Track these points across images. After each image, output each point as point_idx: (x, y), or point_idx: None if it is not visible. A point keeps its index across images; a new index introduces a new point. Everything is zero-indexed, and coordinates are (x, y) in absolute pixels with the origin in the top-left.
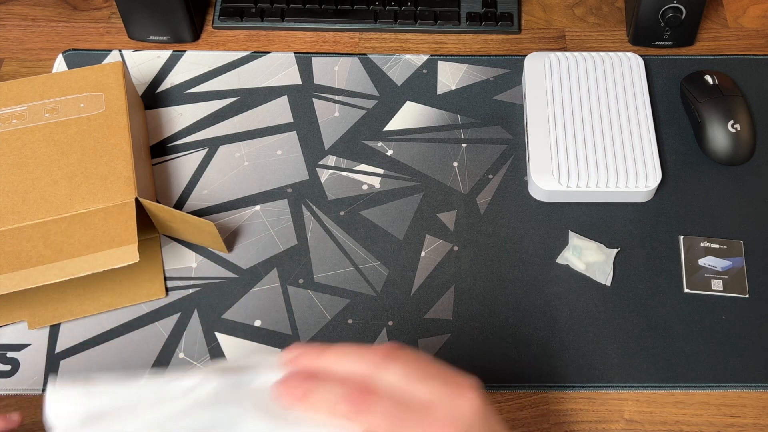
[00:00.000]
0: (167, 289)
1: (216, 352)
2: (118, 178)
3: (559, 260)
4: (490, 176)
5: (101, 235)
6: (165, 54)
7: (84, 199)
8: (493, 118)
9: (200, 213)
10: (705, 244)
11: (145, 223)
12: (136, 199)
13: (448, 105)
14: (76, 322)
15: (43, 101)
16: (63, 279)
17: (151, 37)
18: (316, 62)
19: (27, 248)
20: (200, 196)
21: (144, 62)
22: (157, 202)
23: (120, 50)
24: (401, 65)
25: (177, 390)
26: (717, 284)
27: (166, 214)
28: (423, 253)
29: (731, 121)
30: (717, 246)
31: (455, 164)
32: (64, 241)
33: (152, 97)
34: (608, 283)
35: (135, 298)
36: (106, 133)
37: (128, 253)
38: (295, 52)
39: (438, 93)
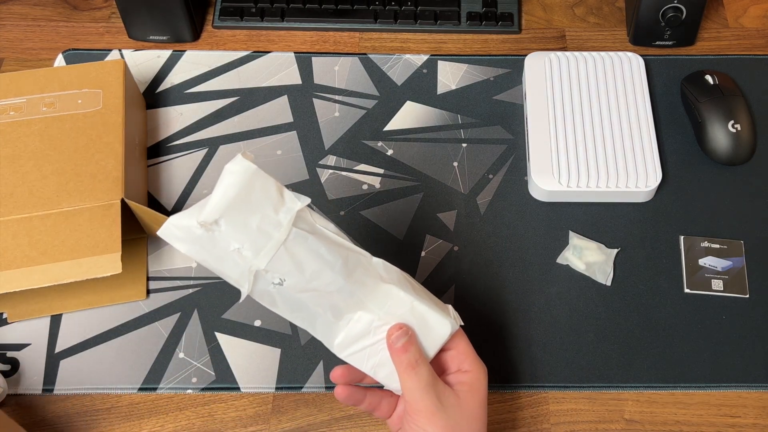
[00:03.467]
0: (149, 292)
1: (216, 352)
2: (106, 178)
3: (560, 260)
4: (490, 176)
5: (86, 239)
6: (165, 54)
7: (71, 196)
8: (493, 118)
9: None
10: (705, 244)
11: (135, 221)
12: (122, 201)
13: (448, 105)
14: (76, 322)
15: (42, 95)
16: (46, 285)
17: (151, 37)
18: (316, 62)
19: (12, 246)
20: (200, 196)
21: (144, 62)
22: (149, 203)
23: (120, 50)
24: (401, 65)
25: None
26: (717, 284)
27: (152, 217)
28: (423, 253)
29: (731, 121)
30: (717, 246)
31: (455, 164)
32: (48, 242)
33: (152, 97)
34: (608, 283)
35: (115, 299)
36: (100, 131)
37: (112, 263)
38: (295, 52)
39: (438, 93)
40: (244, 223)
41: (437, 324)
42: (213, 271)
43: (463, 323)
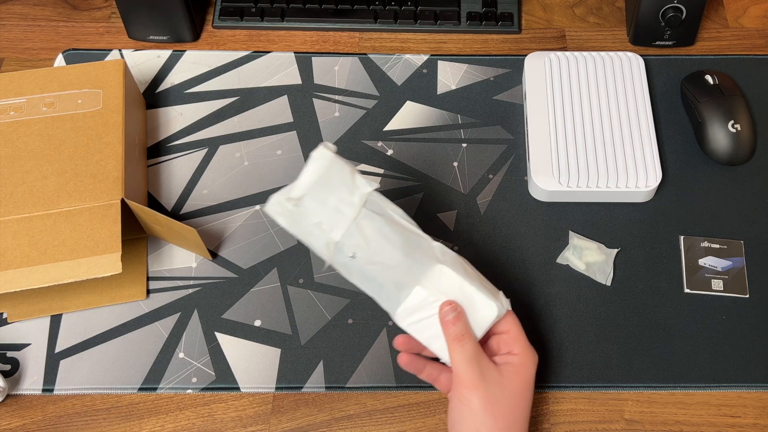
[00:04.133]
0: (149, 292)
1: (216, 352)
2: (106, 178)
3: (559, 260)
4: (490, 176)
5: (86, 239)
6: (165, 54)
7: (71, 196)
8: (493, 118)
9: (200, 213)
10: (705, 244)
11: (135, 221)
12: (123, 201)
13: (448, 105)
14: (76, 322)
15: (42, 95)
16: (46, 285)
17: (151, 37)
18: (316, 62)
19: (12, 246)
20: (200, 196)
21: (144, 62)
22: (149, 203)
23: (120, 50)
24: (401, 65)
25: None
26: (717, 284)
27: (152, 218)
28: None
29: (731, 121)
30: (717, 246)
31: (455, 164)
32: (48, 242)
33: (152, 97)
34: (608, 283)
35: (115, 299)
36: (100, 131)
37: (112, 263)
38: (295, 52)
39: (438, 93)
40: (324, 202)
41: (483, 305)
42: (303, 242)
43: (510, 308)
